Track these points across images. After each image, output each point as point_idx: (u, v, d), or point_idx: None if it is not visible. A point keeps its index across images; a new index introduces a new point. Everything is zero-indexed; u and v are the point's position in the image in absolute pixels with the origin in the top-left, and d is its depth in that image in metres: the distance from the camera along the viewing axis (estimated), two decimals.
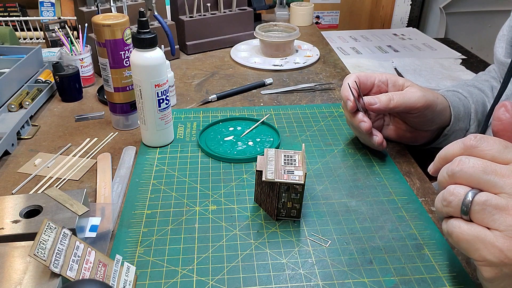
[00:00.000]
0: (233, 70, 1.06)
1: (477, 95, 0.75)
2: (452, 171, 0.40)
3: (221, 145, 0.72)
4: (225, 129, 0.77)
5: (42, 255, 0.40)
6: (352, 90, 0.63)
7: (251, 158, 0.69)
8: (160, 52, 0.66)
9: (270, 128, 0.78)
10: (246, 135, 0.75)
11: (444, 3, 2.13)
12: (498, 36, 0.74)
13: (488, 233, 0.37)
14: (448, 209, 0.40)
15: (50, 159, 0.69)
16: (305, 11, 1.41)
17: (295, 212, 0.56)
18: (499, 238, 0.36)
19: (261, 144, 0.73)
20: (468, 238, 0.38)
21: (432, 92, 0.65)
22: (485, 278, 0.38)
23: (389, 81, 0.66)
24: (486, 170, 0.38)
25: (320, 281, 0.48)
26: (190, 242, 0.53)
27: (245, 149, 0.71)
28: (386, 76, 0.66)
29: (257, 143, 0.73)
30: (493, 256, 0.36)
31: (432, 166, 0.46)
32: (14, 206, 0.52)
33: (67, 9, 1.32)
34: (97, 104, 0.88)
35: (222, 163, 0.68)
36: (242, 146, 0.72)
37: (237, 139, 0.74)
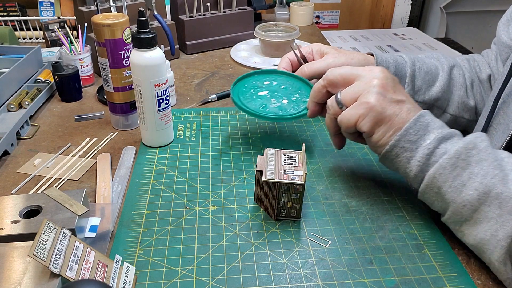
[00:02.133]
0: (233, 70, 1.05)
1: (427, 65, 0.76)
2: (325, 75, 0.58)
3: (254, 99, 0.67)
4: (260, 83, 0.71)
5: (41, 255, 0.40)
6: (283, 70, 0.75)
7: (282, 118, 0.66)
8: (160, 52, 0.66)
9: (309, 88, 0.69)
10: (282, 91, 0.69)
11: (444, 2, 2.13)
12: (502, 21, 0.75)
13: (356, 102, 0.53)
14: (331, 112, 0.57)
15: (50, 159, 0.69)
16: (305, 11, 1.41)
17: (295, 212, 0.56)
18: (362, 98, 0.53)
19: (296, 104, 0.67)
20: (347, 113, 0.54)
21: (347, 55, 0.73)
22: (367, 131, 0.53)
23: (313, 50, 0.76)
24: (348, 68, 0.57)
25: (320, 281, 0.48)
26: (190, 242, 0.53)
27: (278, 107, 0.66)
28: (310, 46, 0.76)
29: (292, 102, 0.68)
30: (363, 109, 0.52)
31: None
32: (13, 206, 0.52)
33: (66, 9, 1.32)
34: (96, 104, 0.88)
35: (222, 162, 0.68)
36: (275, 103, 0.67)
37: (271, 95, 0.68)
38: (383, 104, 0.52)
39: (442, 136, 0.51)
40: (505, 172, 0.47)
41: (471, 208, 0.48)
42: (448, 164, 0.49)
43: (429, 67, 0.77)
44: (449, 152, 0.49)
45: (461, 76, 0.79)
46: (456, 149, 0.49)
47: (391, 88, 0.53)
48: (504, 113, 0.63)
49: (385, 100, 0.52)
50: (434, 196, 0.51)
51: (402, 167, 0.53)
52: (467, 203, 0.48)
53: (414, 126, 0.51)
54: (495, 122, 0.65)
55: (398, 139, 0.52)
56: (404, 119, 0.52)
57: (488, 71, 0.81)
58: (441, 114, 0.78)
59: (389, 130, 0.52)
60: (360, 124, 0.53)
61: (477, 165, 0.48)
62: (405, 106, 0.53)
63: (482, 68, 0.82)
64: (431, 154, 0.50)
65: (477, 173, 0.47)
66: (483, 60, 0.83)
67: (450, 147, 0.50)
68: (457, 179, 0.48)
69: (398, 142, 0.52)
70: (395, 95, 0.53)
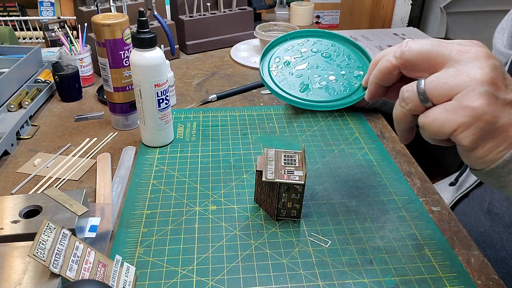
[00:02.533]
0: (233, 70, 1.05)
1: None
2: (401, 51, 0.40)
3: (290, 78, 0.50)
4: (295, 50, 0.54)
5: (41, 255, 0.40)
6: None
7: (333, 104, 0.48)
8: (159, 51, 0.66)
9: (358, 54, 0.54)
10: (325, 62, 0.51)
11: (444, 2, 2.13)
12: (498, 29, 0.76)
13: (452, 102, 0.37)
14: (409, 107, 0.40)
15: (50, 159, 0.69)
16: (305, 11, 1.41)
17: (295, 212, 0.56)
18: (463, 98, 0.37)
19: (348, 80, 0.50)
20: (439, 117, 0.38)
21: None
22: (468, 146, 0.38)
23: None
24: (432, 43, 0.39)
25: (320, 281, 0.48)
26: (190, 242, 0.53)
27: (325, 87, 0.49)
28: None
29: (341, 78, 0.50)
30: (465, 116, 0.37)
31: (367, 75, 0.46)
32: (13, 206, 0.52)
33: (66, 9, 1.32)
34: (96, 104, 0.88)
35: (222, 162, 0.68)
36: (320, 82, 0.50)
37: (313, 70, 0.51)
38: (495, 111, 0.37)
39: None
40: None
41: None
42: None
43: None
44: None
45: None
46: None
47: (501, 82, 0.37)
48: None
49: (497, 104, 0.37)
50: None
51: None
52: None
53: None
54: None
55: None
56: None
57: None
58: None
59: (501, 144, 0.38)
60: (460, 136, 0.38)
61: None
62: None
63: None
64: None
65: None
66: None
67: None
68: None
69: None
70: (509, 93, 0.38)
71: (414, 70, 0.41)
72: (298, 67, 0.52)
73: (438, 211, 0.59)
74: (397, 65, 0.41)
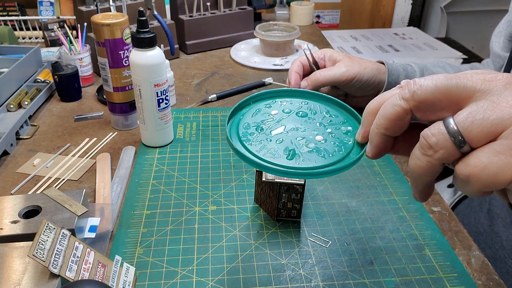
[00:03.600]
0: (233, 69, 1.05)
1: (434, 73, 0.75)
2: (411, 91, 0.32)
3: (269, 144, 0.41)
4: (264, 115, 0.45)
5: (41, 255, 0.40)
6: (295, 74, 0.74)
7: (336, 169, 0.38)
8: (159, 51, 0.66)
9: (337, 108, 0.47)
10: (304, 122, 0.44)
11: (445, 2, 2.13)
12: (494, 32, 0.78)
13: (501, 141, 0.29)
14: (439, 155, 0.31)
15: (49, 159, 0.69)
16: (305, 11, 1.41)
17: (295, 212, 0.56)
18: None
19: (339, 138, 0.42)
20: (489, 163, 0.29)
21: (360, 64, 0.73)
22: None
23: (326, 57, 0.75)
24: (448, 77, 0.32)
25: (321, 281, 0.48)
26: (189, 242, 0.53)
27: (316, 150, 0.41)
28: (323, 52, 0.76)
29: (329, 136, 0.42)
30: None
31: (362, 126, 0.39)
32: (13, 207, 0.52)
33: (66, 9, 1.32)
34: (96, 104, 0.88)
35: (222, 162, 0.68)
36: (307, 145, 0.41)
37: (294, 133, 0.43)
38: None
39: None
40: None
41: None
42: None
43: None
44: None
45: None
46: None
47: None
48: None
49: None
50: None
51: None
52: None
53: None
54: None
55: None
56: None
57: None
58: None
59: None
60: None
61: None
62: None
63: None
64: None
65: None
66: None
67: None
68: None
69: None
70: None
71: (432, 111, 0.32)
72: (275, 132, 0.43)
73: (439, 211, 0.59)
74: (409, 108, 0.33)
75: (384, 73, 0.75)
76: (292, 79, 0.74)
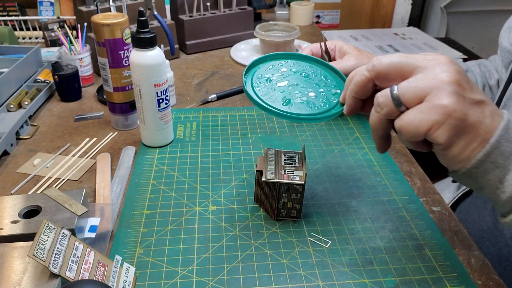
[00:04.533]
0: (233, 69, 1.05)
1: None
2: (372, 65, 0.44)
3: (273, 92, 0.54)
4: (276, 70, 0.58)
5: (41, 255, 0.40)
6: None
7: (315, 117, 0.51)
8: (159, 51, 0.66)
9: (337, 78, 0.58)
10: (304, 81, 0.56)
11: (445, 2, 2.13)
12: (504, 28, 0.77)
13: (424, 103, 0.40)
14: (384, 111, 0.42)
15: (49, 159, 0.69)
16: (305, 11, 1.41)
17: (295, 212, 0.56)
18: (433, 98, 0.39)
19: (326, 97, 0.54)
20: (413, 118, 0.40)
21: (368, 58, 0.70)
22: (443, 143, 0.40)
23: (336, 48, 0.74)
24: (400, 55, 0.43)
25: (321, 281, 0.48)
26: (189, 242, 0.53)
27: (306, 102, 0.53)
28: (334, 43, 0.74)
29: (320, 95, 0.54)
30: (437, 114, 0.39)
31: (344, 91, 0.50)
32: (13, 207, 0.52)
33: (66, 9, 1.32)
34: (96, 104, 0.88)
35: (222, 162, 0.68)
36: (301, 98, 0.53)
37: (294, 87, 0.55)
38: (464, 109, 0.39)
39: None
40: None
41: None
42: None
43: None
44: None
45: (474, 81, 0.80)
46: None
47: (467, 84, 0.40)
48: None
49: (465, 103, 0.39)
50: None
51: (492, 186, 0.42)
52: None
53: (505, 135, 0.40)
54: None
55: (488, 152, 0.40)
56: (490, 126, 0.40)
57: (496, 76, 0.83)
58: None
59: (474, 142, 0.40)
60: (435, 134, 0.40)
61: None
62: (487, 108, 0.41)
63: (491, 73, 0.83)
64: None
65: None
66: (491, 66, 0.85)
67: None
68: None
69: (489, 157, 0.40)
70: (474, 94, 0.40)
71: (387, 80, 0.43)
72: (280, 84, 0.55)
73: (439, 211, 0.59)
74: (370, 77, 0.44)
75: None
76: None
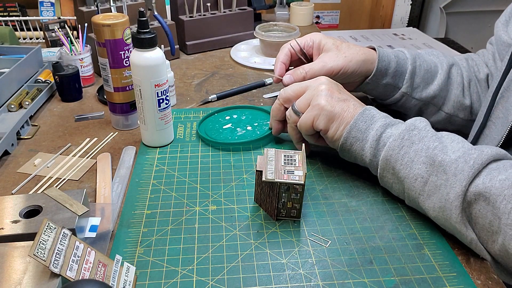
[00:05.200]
0: (233, 70, 1.06)
1: (427, 63, 0.78)
2: (280, 95, 0.67)
3: (221, 133, 0.75)
4: (221, 119, 0.80)
5: (41, 255, 0.40)
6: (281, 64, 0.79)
7: (253, 141, 0.73)
8: (160, 52, 0.66)
9: (265, 113, 0.81)
10: (243, 121, 0.79)
11: (444, 3, 2.13)
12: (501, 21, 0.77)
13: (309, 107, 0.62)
14: (291, 120, 0.65)
15: (50, 159, 0.69)
16: (305, 11, 1.41)
17: (295, 212, 0.56)
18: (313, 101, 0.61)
19: (259, 127, 0.77)
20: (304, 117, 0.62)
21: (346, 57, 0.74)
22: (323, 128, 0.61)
23: (314, 44, 0.78)
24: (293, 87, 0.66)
25: (320, 281, 0.48)
26: (190, 242, 0.53)
27: (245, 133, 0.75)
28: (312, 38, 0.79)
29: (255, 127, 0.77)
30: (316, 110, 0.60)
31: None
32: (13, 206, 0.52)
33: (67, 9, 1.32)
34: (97, 104, 0.88)
35: (222, 162, 0.68)
36: (241, 131, 0.75)
37: (236, 126, 0.77)
38: (331, 103, 0.60)
39: (387, 123, 0.58)
40: (444, 144, 0.53)
41: (422, 180, 0.53)
42: (395, 145, 0.55)
43: (429, 65, 0.78)
44: (394, 135, 0.56)
45: (459, 75, 0.79)
46: (400, 131, 0.56)
47: (336, 90, 0.62)
48: (503, 107, 0.64)
49: (333, 100, 0.60)
50: (391, 177, 0.57)
51: (359, 155, 0.60)
52: (418, 176, 0.53)
53: (361, 117, 0.59)
54: (494, 116, 0.66)
55: (349, 130, 0.59)
56: (352, 113, 0.60)
57: (485, 70, 0.82)
58: (436, 112, 0.79)
59: (341, 125, 0.60)
60: (316, 123, 0.61)
61: (419, 142, 0.54)
62: (351, 103, 0.61)
63: (480, 67, 0.83)
64: (379, 139, 0.57)
65: (421, 149, 0.53)
66: (480, 60, 0.84)
67: (395, 131, 0.57)
68: (405, 156, 0.54)
69: (350, 133, 0.59)
70: (340, 95, 0.61)
71: (291, 101, 0.66)
72: (225, 126, 0.77)
73: None
74: (280, 103, 0.68)
75: (372, 63, 0.76)
76: (277, 69, 0.78)
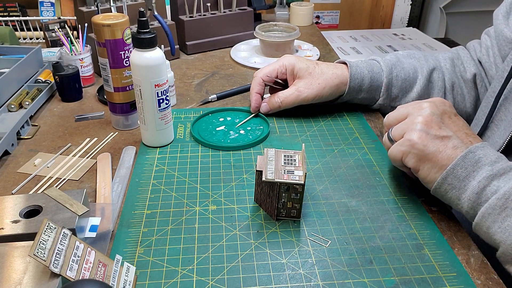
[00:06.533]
0: (233, 70, 1.06)
1: (405, 71, 0.78)
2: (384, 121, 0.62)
3: (214, 135, 0.75)
4: (215, 120, 0.80)
5: (42, 255, 0.40)
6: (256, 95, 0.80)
7: (245, 146, 0.72)
8: (160, 52, 0.66)
9: (259, 118, 0.81)
10: (236, 124, 0.78)
11: (444, 3, 2.13)
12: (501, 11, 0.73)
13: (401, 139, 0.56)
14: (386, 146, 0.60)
15: (50, 159, 0.69)
16: (305, 11, 1.41)
17: (295, 212, 0.56)
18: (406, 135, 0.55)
19: (252, 132, 0.76)
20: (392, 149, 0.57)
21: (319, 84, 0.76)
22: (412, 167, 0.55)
23: (287, 71, 0.79)
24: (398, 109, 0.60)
25: (320, 281, 0.48)
26: (190, 242, 0.53)
27: (237, 137, 0.75)
28: (285, 65, 0.79)
29: (248, 131, 0.77)
30: (405, 146, 0.54)
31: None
32: (14, 206, 0.52)
33: (67, 9, 1.32)
34: (97, 104, 0.88)
35: (222, 162, 0.68)
36: (234, 135, 0.75)
37: (229, 129, 0.77)
38: (424, 141, 0.53)
39: (493, 174, 0.49)
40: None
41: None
42: (497, 204, 0.48)
43: (407, 73, 0.78)
44: (499, 192, 0.48)
45: (440, 79, 0.79)
46: (507, 189, 0.47)
47: (435, 124, 0.54)
48: (506, 110, 0.63)
49: (428, 137, 0.53)
50: (484, 234, 0.50)
51: (454, 203, 0.53)
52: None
53: (461, 163, 0.51)
54: (497, 119, 0.65)
55: (445, 176, 0.52)
56: (449, 156, 0.52)
57: (473, 70, 0.80)
58: None
59: (434, 167, 0.53)
60: (405, 160, 0.55)
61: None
62: (451, 142, 0.52)
63: (467, 66, 0.80)
64: (481, 193, 0.49)
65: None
66: (468, 57, 0.81)
67: (502, 185, 0.48)
68: (507, 220, 0.47)
69: (445, 180, 0.52)
70: (439, 131, 0.53)
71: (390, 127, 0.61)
72: (218, 128, 0.77)
73: (438, 211, 0.59)
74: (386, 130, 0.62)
75: (345, 84, 0.77)
76: (252, 100, 0.80)
